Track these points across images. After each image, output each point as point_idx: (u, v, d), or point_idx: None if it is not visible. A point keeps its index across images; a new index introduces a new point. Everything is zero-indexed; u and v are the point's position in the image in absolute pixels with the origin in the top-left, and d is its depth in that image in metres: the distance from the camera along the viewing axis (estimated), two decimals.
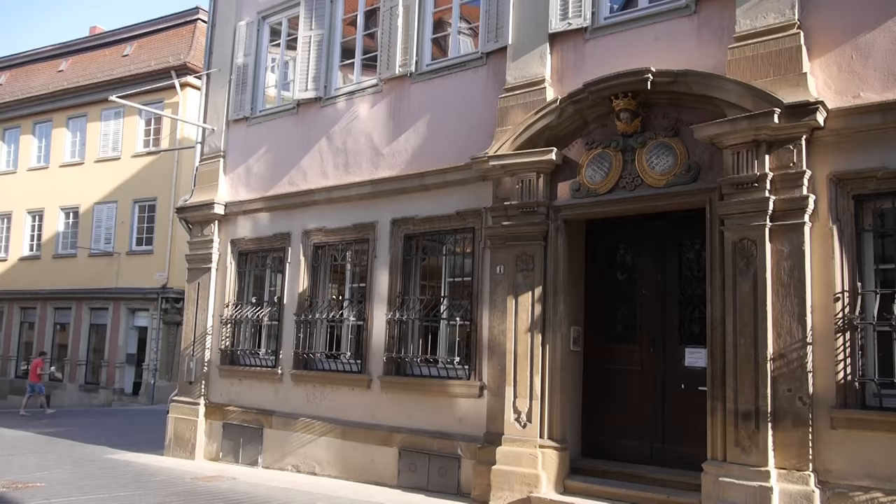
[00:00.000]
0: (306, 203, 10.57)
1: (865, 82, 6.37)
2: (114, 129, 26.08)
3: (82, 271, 25.67)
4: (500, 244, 8.22)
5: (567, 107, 7.77)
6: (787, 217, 6.43)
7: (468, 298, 8.75)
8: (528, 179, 8.00)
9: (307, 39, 10.94)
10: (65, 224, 26.91)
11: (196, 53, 23.67)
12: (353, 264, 10.24)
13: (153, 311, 24.06)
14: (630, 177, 7.45)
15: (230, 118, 11.97)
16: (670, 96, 7.23)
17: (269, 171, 11.24)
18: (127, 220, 25.07)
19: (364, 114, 10.14)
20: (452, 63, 9.37)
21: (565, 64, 8.26)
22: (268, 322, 11.06)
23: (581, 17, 8.11)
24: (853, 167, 6.30)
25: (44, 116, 28.07)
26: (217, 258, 11.72)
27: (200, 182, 12.18)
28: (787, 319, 6.35)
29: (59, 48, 29.52)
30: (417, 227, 9.34)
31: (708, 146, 6.94)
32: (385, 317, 9.36)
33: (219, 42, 12.44)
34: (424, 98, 9.51)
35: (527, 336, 7.85)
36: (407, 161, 9.52)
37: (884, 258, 6.32)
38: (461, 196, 8.85)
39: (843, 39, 6.52)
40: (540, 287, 7.86)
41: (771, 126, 6.41)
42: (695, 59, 7.23)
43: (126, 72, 25.44)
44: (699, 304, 7.40)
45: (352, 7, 10.82)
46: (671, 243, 7.85)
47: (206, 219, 11.80)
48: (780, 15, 6.77)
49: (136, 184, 24.97)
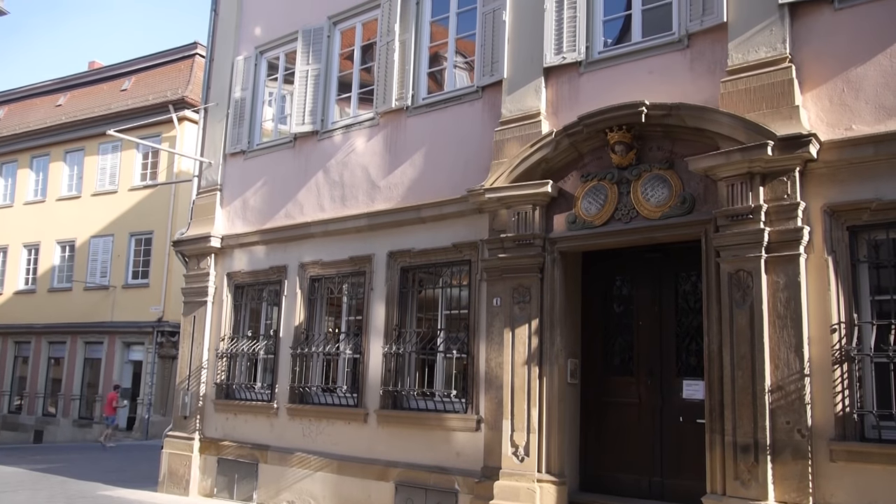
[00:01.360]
0: (303, 236, 10.58)
1: (857, 115, 6.43)
2: (111, 163, 26.17)
3: (77, 305, 25.58)
4: (496, 276, 8.22)
5: (562, 140, 7.82)
6: (782, 248, 6.45)
7: (465, 331, 8.72)
8: (524, 212, 8.02)
9: (304, 74, 11.04)
10: (61, 258, 26.87)
11: (194, 88, 23.86)
12: (350, 297, 10.22)
13: (148, 344, 23.92)
14: (625, 209, 7.48)
15: (227, 152, 12.04)
16: (664, 129, 7.29)
17: (266, 204, 11.27)
18: (123, 254, 25.05)
19: (361, 147, 10.19)
20: (448, 97, 9.45)
21: (560, 97, 8.34)
22: (264, 355, 11.00)
23: (575, 51, 8.21)
24: (847, 199, 6.33)
25: (41, 150, 28.18)
26: (213, 291, 11.69)
27: (197, 215, 12.19)
28: (784, 351, 6.33)
29: (57, 83, 29.74)
30: (414, 259, 9.34)
31: (702, 178, 6.98)
32: (381, 350, 9.32)
33: (217, 76, 12.55)
34: (421, 131, 9.58)
35: (524, 369, 7.82)
36: (403, 194, 9.56)
37: (879, 289, 6.32)
38: (457, 228, 8.87)
39: (835, 73, 6.60)
40: (537, 319, 7.84)
41: (765, 158, 6.45)
42: (688, 93, 7.31)
43: (124, 106, 25.61)
44: (696, 336, 7.38)
45: (348, 42, 10.95)
46: (667, 275, 7.85)
47: (203, 252, 11.80)
48: (771, 49, 6.85)
49: (133, 217, 24.99)
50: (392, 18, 10.04)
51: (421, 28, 9.91)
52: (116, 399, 21.98)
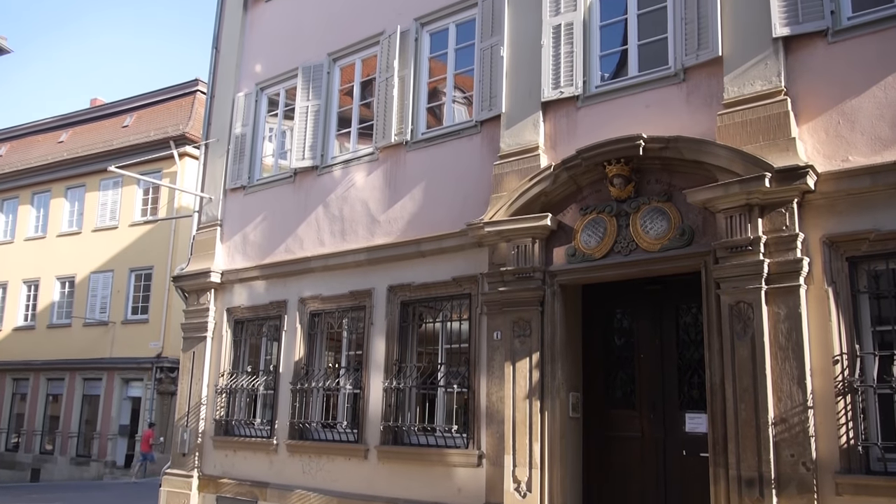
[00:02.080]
0: (303, 271, 10.58)
1: (853, 146, 6.48)
2: (112, 199, 26.28)
3: (76, 341, 25.49)
4: (496, 310, 8.21)
5: (561, 173, 7.86)
6: (782, 280, 6.44)
7: (465, 365, 8.68)
8: (523, 245, 8.03)
9: (304, 109, 11.14)
10: (60, 294, 26.83)
11: (195, 124, 24.05)
12: (350, 331, 10.19)
13: (147, 381, 23.79)
14: (625, 241, 7.49)
15: (228, 187, 12.09)
16: (662, 162, 7.33)
17: (266, 239, 11.29)
18: (123, 289, 25.02)
19: (360, 182, 10.24)
20: (447, 131, 9.52)
21: (558, 131, 8.41)
22: (263, 391, 10.93)
23: (573, 85, 8.29)
24: (845, 230, 6.35)
25: (43, 187, 28.31)
26: (213, 327, 11.66)
27: (197, 250, 12.21)
28: (786, 383, 6.29)
29: (59, 119, 29.98)
30: (414, 293, 9.33)
31: (701, 210, 7.00)
32: (382, 385, 9.27)
33: (217, 113, 12.66)
34: (420, 166, 9.63)
35: (525, 403, 7.76)
36: (403, 228, 9.58)
37: (880, 320, 6.31)
38: (457, 262, 8.87)
39: (830, 105, 6.65)
40: (537, 353, 7.81)
41: (762, 190, 6.48)
42: (685, 126, 7.36)
43: (125, 142, 25.79)
44: (698, 369, 7.35)
45: (348, 78, 11.06)
46: (668, 307, 7.84)
47: (203, 287, 11.79)
48: (766, 82, 6.92)
49: (133, 253, 25.02)
50: (391, 55, 10.15)
51: (420, 64, 10.02)
52: (153, 436, 22.09)
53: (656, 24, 8.00)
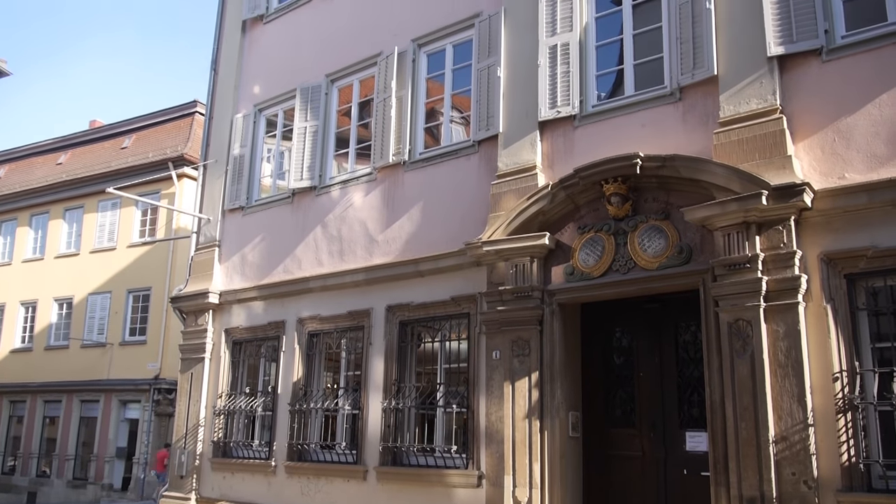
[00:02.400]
0: (301, 291, 10.57)
1: (849, 164, 6.51)
2: (110, 220, 26.26)
3: (74, 363, 25.36)
4: (495, 329, 8.19)
5: (558, 192, 7.88)
6: (780, 297, 6.44)
7: (464, 385, 8.65)
8: (521, 264, 8.04)
9: (302, 130, 11.18)
10: (58, 315, 26.75)
11: (193, 145, 24.10)
12: (348, 352, 10.16)
13: (145, 402, 23.64)
14: (623, 260, 7.50)
15: (226, 208, 12.11)
16: (659, 180, 7.35)
17: (264, 259, 11.29)
18: (121, 311, 24.95)
19: (358, 202, 10.26)
20: (445, 151, 9.56)
21: (555, 150, 8.44)
22: (261, 412, 10.87)
23: (570, 105, 8.33)
24: (843, 246, 6.36)
25: (41, 208, 28.30)
26: (211, 348, 11.63)
27: (195, 271, 12.20)
28: (787, 401, 6.28)
29: (58, 141, 30.04)
30: (412, 313, 9.31)
31: (699, 228, 7.02)
32: (380, 405, 9.23)
33: (216, 134, 12.71)
34: (418, 185, 9.65)
35: (525, 423, 7.73)
36: (401, 248, 9.58)
37: (879, 336, 6.31)
38: (456, 282, 8.87)
39: (826, 123, 6.69)
40: (537, 372, 7.79)
41: (760, 208, 6.50)
42: (682, 144, 7.40)
43: (124, 164, 25.82)
44: (698, 387, 7.33)
45: (346, 99, 11.12)
46: (667, 325, 7.83)
47: (201, 308, 11.77)
48: (762, 101, 6.96)
49: (131, 274, 24.97)
50: (389, 75, 10.21)
51: (417, 84, 10.08)
52: (168, 456, 21.85)
53: (652, 43, 8.06)
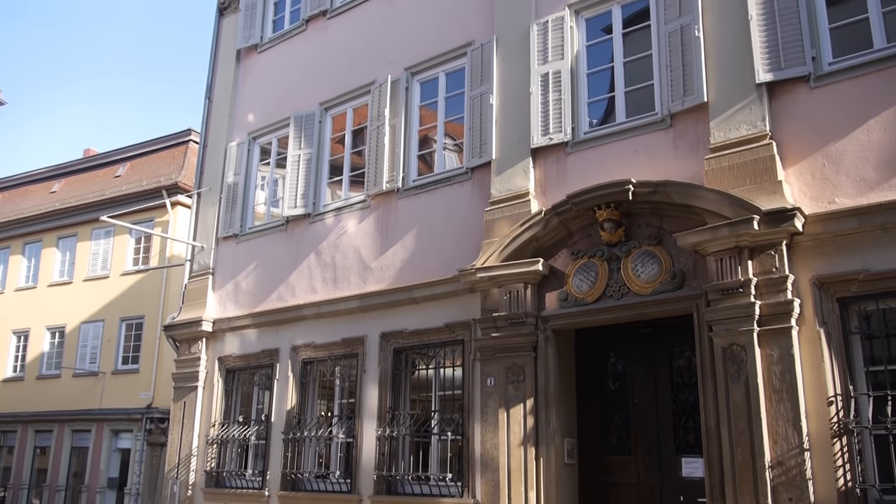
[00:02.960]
0: (295, 318, 10.54)
1: (839, 188, 6.56)
2: (104, 249, 26.19)
3: (66, 392, 25.14)
4: (489, 356, 8.18)
5: (552, 218, 7.92)
6: (774, 321, 6.46)
7: (459, 412, 8.61)
8: (515, 290, 8.04)
9: (296, 158, 11.23)
10: (50, 344, 26.56)
11: (187, 173, 24.12)
12: (342, 379, 10.11)
13: (137, 432, 23.40)
14: (616, 285, 7.52)
15: (220, 235, 12.11)
16: (652, 206, 7.40)
17: (258, 287, 11.27)
18: (113, 339, 24.78)
19: (352, 229, 10.28)
20: (438, 178, 9.60)
21: (548, 177, 8.49)
22: (255, 441, 10.79)
23: (562, 132, 8.40)
24: (835, 270, 6.39)
25: (34, 237, 28.21)
26: (204, 376, 11.56)
27: (189, 299, 12.16)
28: (782, 425, 6.27)
29: (52, 170, 30.05)
30: (406, 340, 9.29)
31: (691, 253, 7.05)
32: (375, 433, 9.17)
33: (210, 162, 12.74)
34: (411, 212, 9.68)
35: (520, 450, 7.69)
36: (395, 275, 9.59)
37: (873, 360, 6.31)
38: (450, 308, 8.86)
39: (815, 148, 6.76)
40: (532, 399, 7.76)
41: (751, 232, 6.54)
42: (673, 170, 7.45)
43: (118, 192, 25.80)
44: (693, 412, 7.31)
45: (339, 126, 11.18)
46: (661, 351, 7.83)
47: (194, 336, 11.72)
48: (752, 127, 7.04)
49: (124, 302, 24.85)
50: (382, 103, 10.29)
51: (410, 112, 10.15)
52: None
53: (642, 71, 8.15)
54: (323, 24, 11.77)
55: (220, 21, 13.60)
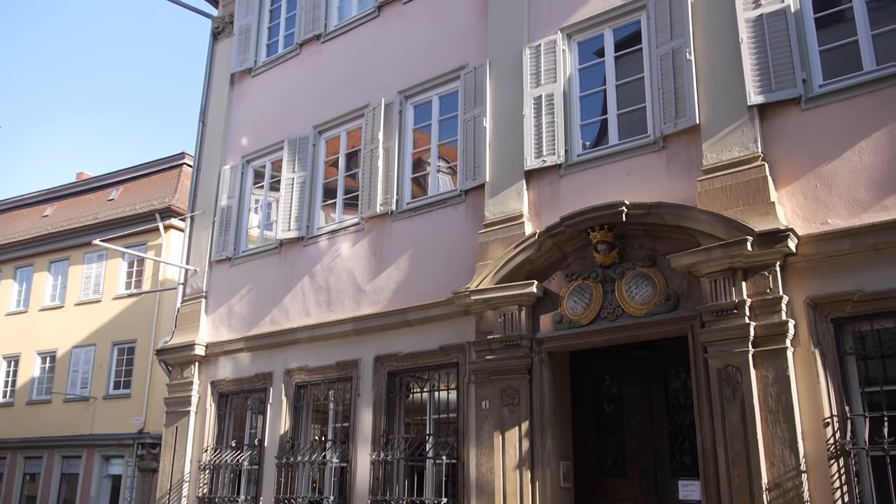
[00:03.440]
0: (288, 342, 10.48)
1: (832, 209, 6.59)
2: (96, 272, 26.08)
3: (56, 417, 24.89)
4: (484, 379, 8.14)
5: (545, 240, 7.92)
6: (768, 343, 6.45)
7: (454, 435, 8.55)
8: (510, 313, 8.03)
9: (290, 181, 11.23)
10: (41, 369, 26.35)
11: (181, 196, 24.11)
12: (336, 403, 10.04)
13: (128, 457, 23.16)
14: (611, 307, 7.51)
15: (213, 259, 12.07)
16: (645, 227, 7.41)
17: (251, 310, 11.21)
18: (105, 364, 24.60)
19: (346, 252, 10.26)
20: (432, 201, 9.61)
21: (542, 199, 8.51)
22: (248, 466, 10.67)
23: (555, 154, 8.43)
24: (829, 291, 6.40)
25: (26, 261, 28.07)
26: (196, 401, 11.46)
27: (181, 323, 12.09)
28: (778, 447, 6.24)
29: (44, 194, 30.00)
30: (401, 363, 9.25)
31: (685, 275, 7.05)
32: (369, 457, 9.09)
33: (203, 185, 12.74)
34: (405, 235, 9.68)
35: (515, 473, 7.63)
36: (389, 298, 9.56)
37: (868, 381, 6.30)
38: (444, 331, 8.83)
39: (807, 169, 6.80)
40: (527, 421, 7.71)
41: (745, 254, 6.55)
42: (666, 192, 7.48)
43: (111, 215, 25.76)
44: (689, 434, 7.28)
45: (333, 150, 11.20)
46: (656, 372, 7.81)
47: (187, 360, 11.64)
48: (743, 148, 7.08)
49: (116, 326, 24.71)
50: (376, 127, 10.32)
51: (404, 135, 10.18)
52: None
53: (635, 93, 8.21)
54: (317, 48, 11.84)
55: (215, 45, 13.67)
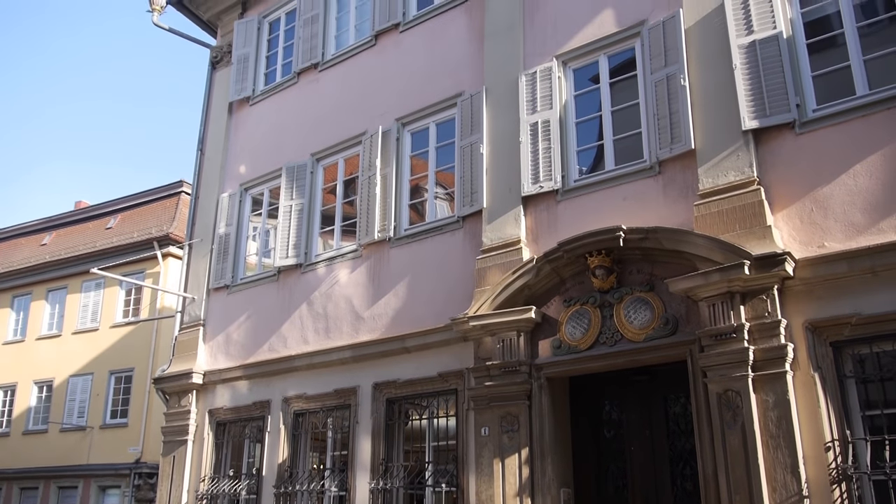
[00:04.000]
0: (287, 370, 10.44)
1: (828, 233, 6.61)
2: (94, 301, 26.01)
3: (52, 448, 24.68)
4: (483, 405, 8.10)
5: (543, 266, 7.93)
6: (768, 366, 6.44)
7: (453, 463, 8.49)
8: (508, 339, 8.01)
9: (288, 208, 11.26)
10: (37, 398, 26.17)
11: (179, 224, 24.12)
12: (335, 431, 9.98)
13: (125, 487, 22.93)
14: (609, 332, 7.49)
15: (211, 286, 12.05)
16: (643, 252, 7.42)
17: (249, 338, 11.18)
18: (102, 393, 24.44)
19: (344, 279, 10.26)
20: (430, 227, 9.63)
21: (539, 224, 8.53)
22: (246, 496, 10.58)
23: (552, 180, 8.47)
24: (827, 314, 6.40)
25: (24, 290, 28.01)
26: (194, 430, 11.38)
27: (179, 351, 12.05)
28: (780, 472, 6.20)
29: (43, 222, 30.01)
30: (399, 390, 9.20)
31: (684, 299, 7.05)
32: (368, 486, 9.01)
33: (202, 213, 12.76)
34: (403, 262, 9.68)
35: (515, 501, 7.56)
36: (387, 324, 9.54)
37: (869, 404, 6.28)
38: (443, 358, 8.81)
39: (803, 193, 6.83)
40: (526, 448, 7.66)
41: (742, 277, 6.56)
42: (663, 216, 7.51)
43: (109, 244, 25.74)
44: (690, 460, 7.23)
45: (331, 177, 11.25)
46: (656, 397, 7.77)
47: (184, 389, 11.57)
48: (739, 173, 7.11)
49: (114, 354, 24.59)
50: (373, 154, 10.37)
51: (401, 162, 10.23)
52: None
53: (630, 119, 8.27)
54: (314, 77, 11.93)
55: (213, 74, 13.77)
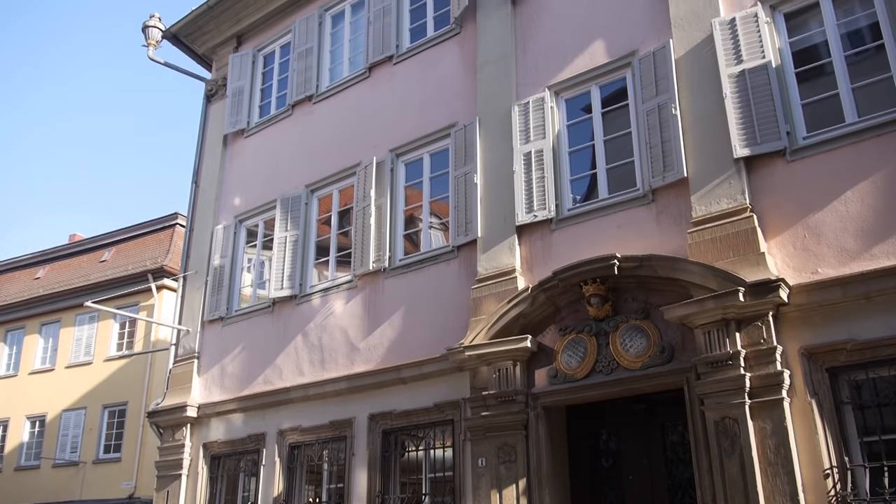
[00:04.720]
0: (282, 402, 10.37)
1: (821, 259, 6.64)
2: (87, 334, 25.86)
3: (45, 483, 24.34)
4: (480, 435, 8.04)
5: (538, 295, 7.93)
6: (765, 393, 6.42)
7: (451, 494, 8.40)
8: (504, 368, 7.98)
9: (283, 240, 11.27)
10: (30, 434, 25.88)
11: (173, 257, 24.07)
12: (331, 463, 9.89)
13: None
14: (606, 360, 7.48)
15: (206, 319, 12.00)
16: (637, 280, 7.44)
17: (244, 370, 11.12)
18: (95, 427, 24.19)
19: (339, 310, 10.24)
20: (425, 257, 9.64)
21: (534, 253, 8.55)
22: None
23: (546, 209, 8.51)
24: (822, 340, 6.41)
25: (17, 324, 27.85)
26: (188, 464, 11.26)
27: (173, 384, 11.96)
28: (779, 500, 6.15)
29: (37, 256, 29.92)
30: (395, 421, 9.14)
31: (679, 326, 7.05)
32: None
33: (196, 245, 12.75)
34: (398, 292, 9.67)
35: None
36: (383, 355, 9.50)
37: (867, 430, 6.26)
38: (439, 388, 8.76)
39: (795, 220, 6.87)
40: (524, 479, 7.60)
41: (737, 304, 6.57)
42: (657, 244, 7.54)
43: (103, 277, 25.64)
44: (688, 488, 7.18)
45: (326, 208, 11.27)
46: (654, 426, 7.73)
47: (178, 422, 11.47)
48: (732, 200, 7.16)
49: (107, 388, 24.38)
50: (367, 184, 10.41)
51: (396, 192, 10.27)
52: None
53: (623, 148, 8.34)
54: (309, 109, 12.02)
55: (208, 107, 13.86)
